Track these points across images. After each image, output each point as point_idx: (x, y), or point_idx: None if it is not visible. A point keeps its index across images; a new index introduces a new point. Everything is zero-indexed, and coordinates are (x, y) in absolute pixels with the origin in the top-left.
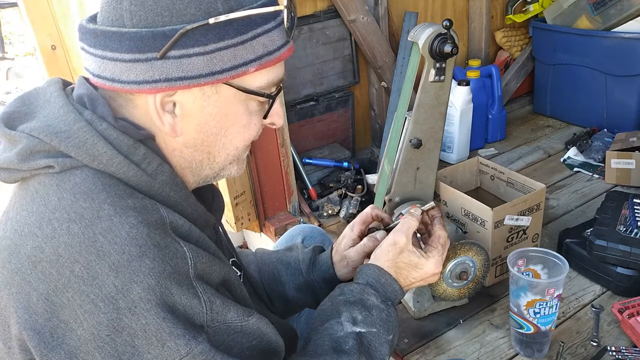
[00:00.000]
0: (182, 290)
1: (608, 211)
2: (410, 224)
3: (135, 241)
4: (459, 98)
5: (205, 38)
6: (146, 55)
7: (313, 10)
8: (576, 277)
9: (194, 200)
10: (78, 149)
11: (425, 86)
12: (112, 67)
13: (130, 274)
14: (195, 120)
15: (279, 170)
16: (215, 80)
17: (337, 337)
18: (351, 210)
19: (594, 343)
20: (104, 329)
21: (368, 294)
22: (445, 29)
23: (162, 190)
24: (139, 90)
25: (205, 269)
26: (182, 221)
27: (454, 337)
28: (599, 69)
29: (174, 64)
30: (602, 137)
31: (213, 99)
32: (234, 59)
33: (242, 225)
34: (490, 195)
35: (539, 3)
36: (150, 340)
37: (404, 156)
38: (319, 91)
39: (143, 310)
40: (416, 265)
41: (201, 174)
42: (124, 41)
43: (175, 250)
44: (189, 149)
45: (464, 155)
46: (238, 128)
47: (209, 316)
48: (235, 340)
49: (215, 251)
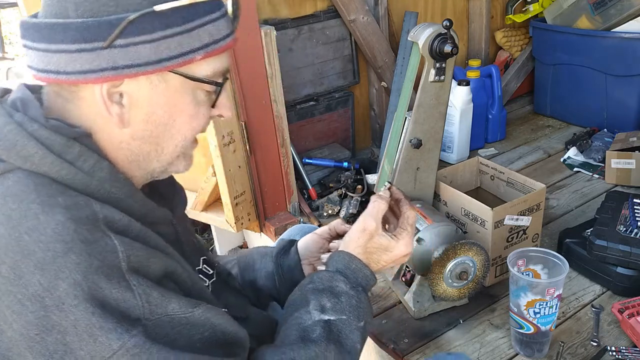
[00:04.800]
0: (112, 284)
1: (608, 211)
2: (379, 207)
3: (61, 237)
4: (459, 98)
5: (151, 26)
6: (92, 44)
7: (313, 10)
8: (576, 277)
9: (141, 196)
10: (9, 152)
11: (425, 86)
12: (57, 59)
13: (55, 270)
14: (143, 110)
15: (279, 170)
16: (162, 67)
17: (305, 326)
18: (351, 210)
19: (594, 343)
20: (33, 328)
21: (337, 280)
22: (445, 29)
23: (101, 188)
24: (85, 80)
25: (141, 261)
26: (120, 216)
27: (454, 337)
28: (599, 69)
29: (121, 52)
30: (602, 137)
31: (160, 88)
32: (180, 47)
33: (242, 225)
34: (490, 195)
35: (539, 3)
36: (82, 337)
37: (404, 156)
38: (319, 91)
39: (71, 306)
40: (387, 248)
41: (148, 168)
42: (69, 32)
43: (105, 244)
44: (136, 141)
45: (464, 155)
46: (186, 118)
47: (146, 309)
48: (182, 333)
49: (160, 245)
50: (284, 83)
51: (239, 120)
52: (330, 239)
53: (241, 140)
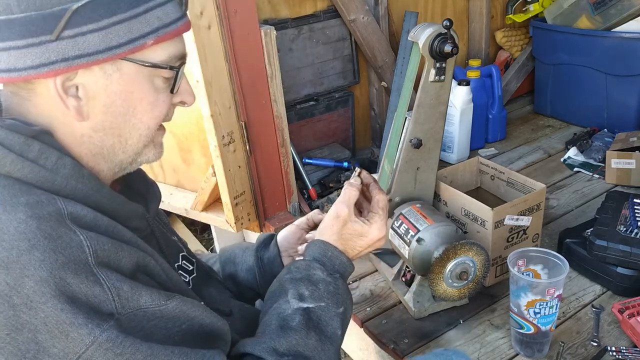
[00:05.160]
0: (80, 278)
1: (608, 211)
2: (351, 193)
3: (24, 235)
4: (459, 98)
5: (96, 14)
6: (40, 38)
7: (313, 10)
8: (576, 277)
9: (109, 191)
10: None
11: (426, 86)
12: (7, 57)
13: (20, 268)
14: (100, 102)
15: (279, 170)
16: (113, 55)
17: (284, 315)
18: None
19: (594, 343)
20: (3, 328)
21: (314, 268)
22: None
23: (67, 184)
24: (37, 75)
25: (110, 255)
26: (85, 211)
27: (454, 337)
28: (599, 68)
29: (69, 43)
30: (602, 137)
31: (115, 76)
32: (130, 33)
33: (242, 225)
34: (490, 195)
35: (539, 3)
36: (53, 334)
37: (404, 156)
38: (319, 91)
39: (39, 303)
40: (361, 234)
41: (115, 160)
42: (14, 28)
43: (70, 239)
44: (98, 133)
45: (464, 155)
46: (146, 105)
47: (117, 303)
48: (158, 326)
49: (130, 239)
50: (284, 83)
51: (239, 120)
52: (309, 230)
53: (241, 140)
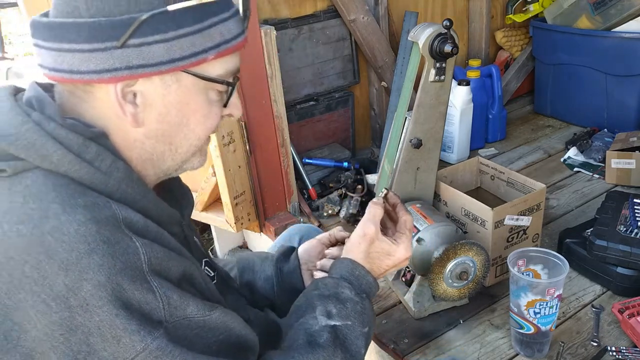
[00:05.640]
0: (135, 285)
1: (608, 211)
2: (376, 211)
3: (84, 238)
4: (459, 98)
5: (164, 26)
6: (105, 44)
7: (313, 10)
8: (576, 277)
9: (154, 197)
10: (27, 151)
11: (426, 86)
12: (70, 59)
13: (79, 271)
14: (156, 110)
15: (279, 170)
16: (175, 67)
17: (312, 331)
18: (351, 210)
19: (594, 343)
20: (58, 328)
21: (342, 287)
22: (445, 28)
23: (119, 187)
24: (99, 79)
25: (162, 263)
26: (138, 217)
27: (454, 337)
28: (599, 69)
29: (134, 52)
30: (602, 137)
31: (173, 87)
32: (193, 47)
33: (242, 225)
34: (490, 195)
35: (539, 3)
36: (105, 337)
37: (404, 156)
38: (319, 91)
39: (95, 307)
40: (388, 253)
41: (162, 167)
42: (81, 31)
43: (127, 245)
44: (150, 140)
45: (464, 155)
46: (199, 117)
47: (167, 311)
48: (200, 335)
49: (176, 247)
50: (284, 83)
51: (238, 120)
52: (330, 245)
53: (241, 140)
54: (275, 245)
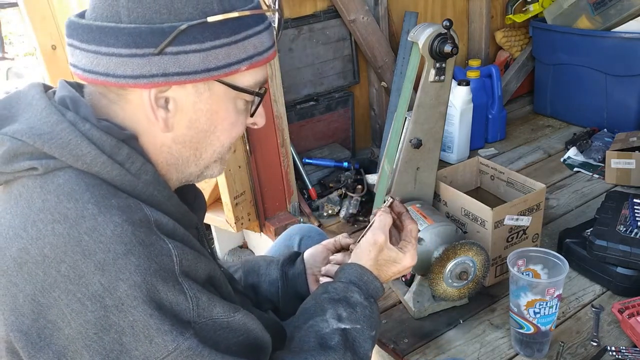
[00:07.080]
0: (168, 286)
1: (608, 211)
2: (386, 220)
3: (121, 239)
4: (459, 98)
5: (202, 36)
6: (143, 50)
7: (313, 10)
8: (576, 277)
9: (177, 200)
10: (62, 150)
11: (425, 86)
12: (107, 62)
13: (116, 271)
14: (187, 116)
15: (279, 170)
16: (209, 77)
17: (323, 333)
18: (351, 210)
19: (594, 343)
20: (92, 327)
21: (352, 291)
22: (445, 29)
23: (146, 190)
24: (135, 84)
25: (191, 265)
26: (166, 219)
27: (454, 337)
28: (599, 69)
29: (171, 59)
30: (602, 137)
31: (205, 95)
32: (228, 57)
33: (242, 225)
34: (490, 195)
35: (539, 3)
36: (138, 337)
37: (404, 156)
38: (319, 91)
39: (130, 307)
40: (395, 260)
41: (185, 172)
42: (121, 36)
43: (160, 247)
44: (177, 145)
45: (464, 155)
46: (226, 125)
47: (195, 312)
48: (222, 336)
49: (200, 249)
50: (284, 83)
51: None
52: (335, 251)
53: (241, 140)
54: (276, 245)
